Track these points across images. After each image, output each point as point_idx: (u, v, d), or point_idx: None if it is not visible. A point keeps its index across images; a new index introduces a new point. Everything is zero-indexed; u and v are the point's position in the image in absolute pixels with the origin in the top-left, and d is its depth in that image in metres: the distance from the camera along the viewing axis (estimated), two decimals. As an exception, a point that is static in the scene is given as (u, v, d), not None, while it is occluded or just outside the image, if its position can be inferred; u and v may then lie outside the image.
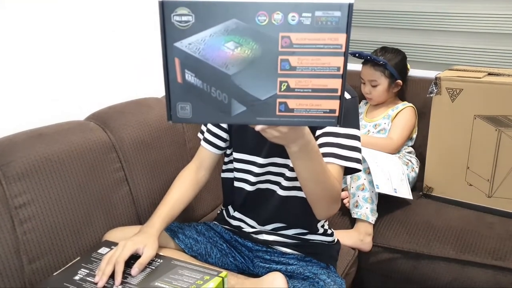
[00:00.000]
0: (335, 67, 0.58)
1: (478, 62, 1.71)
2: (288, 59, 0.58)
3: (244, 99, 0.60)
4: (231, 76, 0.58)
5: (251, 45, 0.57)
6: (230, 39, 0.57)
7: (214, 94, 0.60)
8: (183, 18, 0.57)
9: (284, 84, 0.59)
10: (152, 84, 1.45)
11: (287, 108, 0.60)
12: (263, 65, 0.58)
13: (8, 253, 0.91)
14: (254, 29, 0.56)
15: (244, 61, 0.58)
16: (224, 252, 1.06)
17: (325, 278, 0.98)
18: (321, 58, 0.57)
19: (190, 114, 0.62)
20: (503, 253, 1.25)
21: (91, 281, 0.82)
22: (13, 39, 1.04)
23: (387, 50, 1.64)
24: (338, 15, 0.55)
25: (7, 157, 0.94)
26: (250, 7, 0.55)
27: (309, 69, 0.58)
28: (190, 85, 0.60)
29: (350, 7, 0.55)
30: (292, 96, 0.60)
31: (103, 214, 1.09)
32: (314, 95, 0.60)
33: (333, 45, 0.57)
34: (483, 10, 1.65)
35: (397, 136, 1.57)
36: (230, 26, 0.56)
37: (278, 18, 0.56)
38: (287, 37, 0.56)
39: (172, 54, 0.59)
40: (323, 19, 0.55)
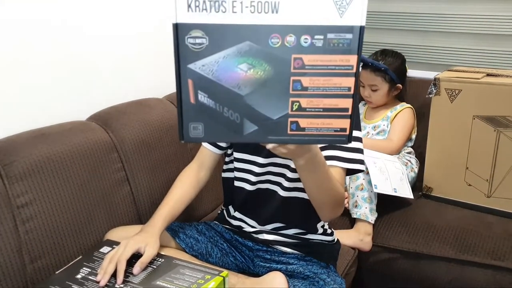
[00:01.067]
0: (346, 87, 0.59)
1: (477, 63, 1.72)
2: (300, 80, 0.59)
3: (256, 118, 0.61)
4: (243, 97, 0.59)
5: (264, 67, 0.58)
6: (243, 60, 0.58)
7: (227, 114, 0.61)
8: (197, 40, 0.57)
9: (296, 104, 0.60)
10: (153, 84, 1.45)
11: (299, 127, 0.62)
12: (275, 86, 0.59)
13: (10, 252, 0.91)
14: (267, 51, 0.57)
15: (256, 82, 0.59)
16: (224, 251, 1.07)
17: (325, 278, 0.98)
18: (333, 78, 0.59)
19: (202, 133, 0.62)
20: (502, 253, 1.26)
21: (93, 280, 0.83)
22: (14, 39, 1.05)
23: (387, 54, 1.64)
24: (350, 37, 0.56)
25: (9, 157, 0.95)
26: (264, 29, 0.56)
27: (320, 89, 0.59)
28: (203, 105, 0.61)
29: (361, 29, 0.56)
30: (303, 116, 0.61)
31: (104, 214, 1.10)
32: (325, 114, 0.61)
33: (345, 66, 0.58)
34: (482, 11, 1.66)
35: (396, 138, 1.57)
36: (243, 48, 0.57)
37: (291, 40, 0.57)
38: (299, 58, 0.58)
39: (185, 76, 0.59)
40: (335, 41, 0.57)
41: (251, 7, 0.55)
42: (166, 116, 1.29)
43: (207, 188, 1.14)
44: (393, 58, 1.63)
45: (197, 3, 0.55)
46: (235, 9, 0.55)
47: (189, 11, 0.55)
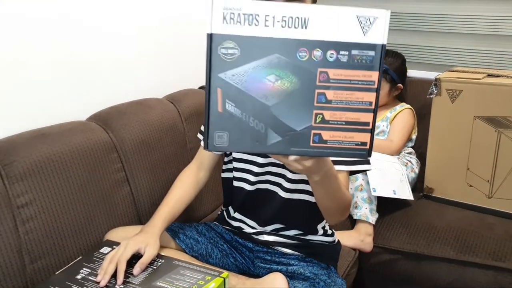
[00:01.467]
0: (367, 101, 0.62)
1: (477, 63, 1.72)
2: (324, 93, 0.61)
3: (280, 129, 0.62)
4: (270, 107, 0.61)
5: (291, 79, 0.61)
6: (272, 72, 0.60)
7: (252, 123, 0.62)
8: (229, 51, 0.60)
9: (319, 116, 0.62)
10: (153, 84, 1.45)
11: (321, 140, 0.63)
12: (300, 98, 0.61)
13: (10, 253, 0.91)
14: (295, 64, 0.60)
15: (283, 93, 0.61)
16: (224, 252, 1.07)
17: (326, 279, 0.98)
18: (355, 93, 0.61)
19: (227, 142, 0.63)
20: (503, 254, 1.26)
21: (93, 280, 0.83)
22: (14, 39, 1.05)
23: (387, 54, 1.64)
24: (373, 54, 0.60)
25: (9, 157, 0.94)
26: (293, 43, 0.59)
27: (343, 102, 0.62)
28: (230, 114, 0.62)
29: (383, 47, 0.60)
30: (326, 128, 0.63)
31: (104, 214, 1.09)
32: (347, 127, 0.63)
33: (367, 82, 0.61)
34: (483, 12, 1.66)
35: (397, 138, 1.57)
36: (272, 60, 0.60)
37: (317, 54, 0.60)
38: (325, 72, 0.60)
39: (215, 84, 0.61)
40: (359, 57, 0.60)
41: (283, 22, 0.58)
42: (166, 116, 1.29)
43: (207, 188, 1.14)
44: (393, 58, 1.63)
45: (232, 15, 0.58)
46: (267, 23, 0.58)
47: (223, 23, 0.58)
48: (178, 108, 1.35)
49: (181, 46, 1.56)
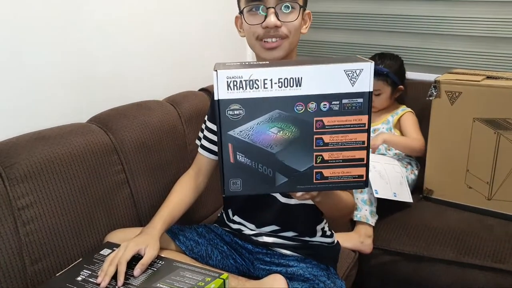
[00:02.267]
0: (360, 141, 0.70)
1: (476, 65, 1.72)
2: (322, 138, 0.70)
3: (286, 171, 0.71)
4: (275, 154, 0.70)
5: (291, 129, 0.69)
6: (274, 125, 0.69)
7: (261, 169, 0.71)
8: (235, 112, 0.68)
9: (319, 157, 0.71)
10: (153, 86, 1.46)
11: (323, 177, 0.72)
12: (301, 144, 0.70)
13: (11, 254, 0.91)
14: (293, 116, 0.68)
15: (285, 141, 0.70)
16: (224, 254, 1.07)
17: (325, 280, 0.98)
18: (349, 135, 0.70)
19: (240, 187, 0.73)
20: (503, 256, 1.26)
21: (93, 282, 0.83)
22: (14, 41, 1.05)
23: (386, 57, 1.64)
24: (361, 101, 0.68)
25: (10, 159, 0.95)
26: (290, 100, 0.67)
27: (339, 144, 0.70)
28: (241, 164, 0.71)
29: (370, 94, 0.68)
30: (326, 167, 0.71)
31: (104, 216, 1.10)
32: (344, 164, 0.71)
33: (358, 124, 0.69)
34: (481, 14, 1.66)
35: (418, 136, 1.57)
36: (273, 115, 0.68)
37: (312, 106, 0.68)
38: (320, 120, 0.69)
39: (226, 141, 0.70)
40: (349, 105, 0.68)
41: (279, 83, 0.66)
42: (166, 118, 1.29)
43: (207, 190, 1.14)
44: (392, 60, 1.63)
45: (235, 82, 0.66)
46: (266, 86, 0.66)
47: (228, 90, 0.66)
48: (178, 110, 1.35)
49: (181, 48, 1.57)
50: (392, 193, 1.42)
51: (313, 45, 2.03)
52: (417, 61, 1.82)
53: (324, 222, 1.09)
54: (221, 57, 1.68)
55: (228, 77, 0.66)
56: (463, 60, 1.74)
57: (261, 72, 0.66)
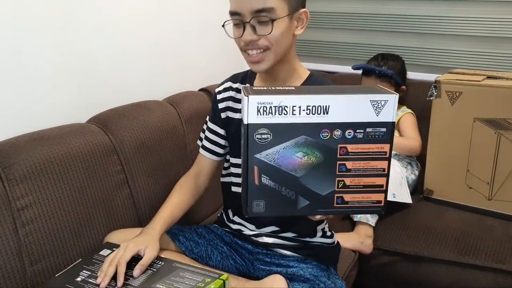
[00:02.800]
0: (381, 168, 0.73)
1: (477, 65, 1.72)
2: (345, 164, 0.73)
3: (308, 195, 0.74)
4: (299, 178, 0.73)
5: (316, 154, 0.72)
6: (299, 150, 0.72)
7: (284, 192, 0.74)
8: (263, 136, 0.71)
9: (341, 183, 0.74)
10: (153, 86, 1.45)
11: (343, 201, 0.75)
12: (324, 169, 0.73)
13: (10, 255, 0.91)
14: (319, 142, 0.71)
15: (309, 166, 0.72)
16: (224, 254, 1.07)
17: (326, 280, 0.98)
18: (371, 162, 0.73)
19: (263, 209, 0.75)
20: (503, 256, 1.26)
21: (93, 283, 0.83)
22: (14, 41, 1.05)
23: (388, 58, 1.64)
24: (384, 130, 0.71)
25: (9, 160, 0.94)
26: (317, 126, 0.70)
27: (361, 170, 0.73)
28: (265, 186, 0.74)
29: (393, 124, 0.71)
30: (347, 192, 0.74)
31: (104, 216, 1.09)
32: (364, 190, 0.74)
33: (380, 152, 0.72)
34: (482, 13, 1.66)
35: (415, 136, 1.57)
36: (299, 140, 0.71)
37: (337, 134, 0.71)
38: (344, 147, 0.72)
39: (252, 163, 0.72)
40: (372, 134, 0.71)
41: (307, 110, 0.69)
42: (166, 119, 1.29)
43: (207, 191, 1.14)
44: (394, 61, 1.63)
45: (264, 108, 0.68)
46: (295, 112, 0.69)
47: (257, 115, 0.69)
48: (178, 111, 1.35)
49: (181, 48, 1.56)
50: (391, 194, 1.41)
51: (314, 45, 2.03)
52: (417, 61, 1.82)
53: (325, 222, 1.09)
54: (220, 57, 1.68)
55: (259, 103, 0.68)
56: (463, 60, 1.74)
57: (290, 99, 0.68)
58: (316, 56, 2.04)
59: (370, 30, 1.89)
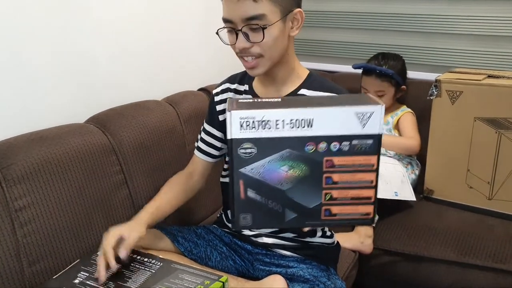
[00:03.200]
0: (369, 180, 0.71)
1: (477, 64, 1.71)
2: (331, 176, 0.71)
3: (295, 208, 0.73)
4: (285, 191, 0.72)
5: (301, 167, 0.70)
6: (285, 163, 0.70)
7: (271, 205, 0.73)
8: (247, 150, 0.70)
9: (328, 195, 0.72)
10: (152, 86, 1.45)
11: (331, 213, 0.73)
12: (310, 182, 0.71)
13: (8, 256, 0.91)
14: (304, 155, 0.69)
15: (295, 179, 0.71)
16: (224, 255, 1.06)
17: (326, 281, 0.97)
18: (358, 174, 0.70)
19: (251, 222, 0.75)
20: (504, 256, 1.25)
21: (90, 285, 0.82)
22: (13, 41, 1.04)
23: (388, 57, 1.63)
24: (371, 142, 0.68)
25: (7, 160, 0.94)
26: (301, 140, 0.68)
27: (348, 183, 0.71)
28: (251, 199, 0.73)
29: (379, 136, 0.69)
30: (335, 204, 0.73)
31: (103, 217, 1.09)
32: (352, 202, 0.73)
33: (367, 165, 0.70)
34: (483, 12, 1.65)
35: (415, 135, 1.57)
36: (284, 154, 0.70)
37: (323, 146, 0.69)
38: (330, 160, 0.70)
39: (237, 177, 0.71)
40: (359, 146, 0.69)
41: (291, 124, 0.67)
42: (165, 119, 1.28)
43: (206, 192, 1.14)
44: (395, 61, 1.63)
45: (247, 123, 0.67)
46: (278, 126, 0.67)
47: (241, 130, 0.68)
48: (177, 110, 1.35)
49: (180, 48, 1.56)
50: (393, 192, 1.41)
51: (315, 44, 2.02)
52: (418, 60, 1.81)
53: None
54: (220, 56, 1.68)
55: (242, 118, 0.67)
56: (464, 59, 1.74)
57: (273, 113, 0.67)
58: (316, 56, 2.03)
59: (370, 29, 1.88)
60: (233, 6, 0.84)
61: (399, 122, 1.61)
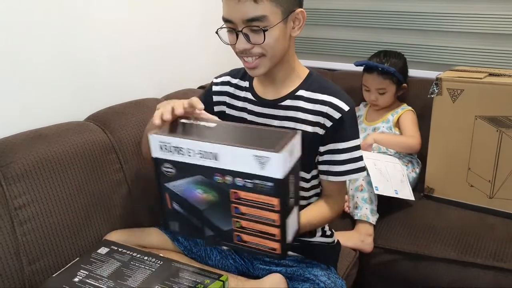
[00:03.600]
0: (272, 219, 0.71)
1: (478, 62, 1.71)
2: (239, 207, 0.72)
3: (212, 227, 0.76)
4: (202, 211, 0.76)
5: (213, 193, 0.73)
6: (199, 187, 0.74)
7: (192, 220, 0.78)
8: (168, 169, 0.75)
9: (238, 223, 0.74)
10: (151, 84, 1.44)
11: (242, 240, 0.75)
12: (222, 208, 0.74)
13: (8, 254, 0.90)
14: (213, 184, 0.73)
15: (210, 202, 0.74)
16: (223, 254, 1.06)
17: (326, 280, 0.97)
18: (262, 211, 0.71)
19: (178, 229, 0.81)
20: (504, 255, 1.25)
21: (90, 283, 0.82)
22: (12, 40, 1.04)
23: (390, 55, 1.63)
24: (271, 185, 0.68)
25: (6, 158, 0.94)
26: (210, 170, 0.71)
27: (255, 216, 0.72)
28: (176, 211, 0.79)
29: (281, 180, 0.68)
30: (244, 232, 0.74)
31: (102, 215, 1.09)
32: (260, 235, 0.73)
33: (269, 204, 0.70)
34: (484, 10, 1.65)
35: (415, 133, 1.56)
36: (198, 179, 0.74)
37: (229, 179, 0.71)
38: (236, 192, 0.71)
39: (163, 190, 0.77)
40: (260, 186, 0.69)
41: (200, 154, 0.71)
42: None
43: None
44: (397, 59, 1.62)
45: (165, 147, 0.73)
46: (190, 154, 0.72)
47: (161, 150, 0.74)
48: (177, 108, 1.34)
49: (179, 46, 1.55)
50: (393, 190, 1.41)
51: (315, 42, 2.01)
52: (419, 58, 1.80)
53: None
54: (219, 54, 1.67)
55: (160, 141, 0.73)
56: (465, 57, 1.73)
57: (185, 142, 0.72)
58: (317, 54, 2.03)
59: (371, 27, 1.88)
60: (233, 6, 0.83)
61: (399, 120, 1.61)
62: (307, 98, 0.93)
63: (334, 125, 0.91)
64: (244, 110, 1.00)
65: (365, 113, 1.72)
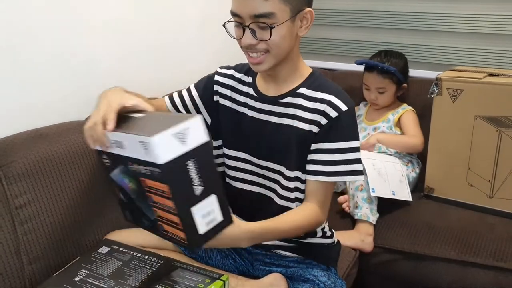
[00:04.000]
0: (170, 207, 0.69)
1: (478, 62, 1.71)
2: (151, 196, 0.72)
3: (145, 216, 0.77)
4: (134, 200, 0.78)
5: (134, 182, 0.74)
6: (125, 177, 0.76)
7: (133, 208, 0.79)
8: (105, 160, 0.80)
9: (156, 213, 0.73)
10: (151, 84, 1.44)
11: (165, 230, 0.74)
12: (142, 197, 0.74)
13: (8, 254, 0.91)
14: (130, 172, 0.74)
15: (135, 192, 0.76)
16: (224, 254, 1.06)
17: (326, 280, 0.97)
18: (163, 199, 0.69)
19: (131, 218, 0.84)
20: (504, 254, 1.25)
21: (91, 282, 0.82)
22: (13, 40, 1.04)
23: (391, 55, 1.63)
24: (159, 171, 0.66)
25: (7, 158, 0.94)
26: (124, 158, 0.73)
27: (162, 205, 0.70)
28: (123, 200, 0.82)
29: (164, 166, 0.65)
30: (163, 223, 0.73)
31: (103, 214, 1.09)
32: (172, 225, 0.72)
33: (163, 191, 0.68)
34: (484, 10, 1.65)
35: (417, 133, 1.56)
36: (123, 169, 0.76)
37: (136, 167, 0.71)
38: (143, 180, 0.71)
39: (110, 180, 0.81)
40: (152, 171, 0.68)
41: (115, 143, 0.73)
42: (165, 116, 1.28)
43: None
44: (397, 59, 1.62)
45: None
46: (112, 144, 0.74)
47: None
48: (178, 108, 1.34)
49: (179, 46, 1.55)
50: (391, 191, 1.41)
51: (316, 42, 2.02)
52: (419, 59, 1.80)
53: (325, 222, 1.08)
54: (221, 54, 1.67)
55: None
56: (465, 57, 1.73)
57: (109, 134, 0.74)
58: (317, 53, 2.03)
59: (371, 27, 1.88)
60: (242, 1, 0.83)
61: (401, 120, 1.61)
62: (307, 96, 0.93)
63: (330, 123, 0.90)
64: (245, 106, 1.00)
65: (365, 112, 1.72)
